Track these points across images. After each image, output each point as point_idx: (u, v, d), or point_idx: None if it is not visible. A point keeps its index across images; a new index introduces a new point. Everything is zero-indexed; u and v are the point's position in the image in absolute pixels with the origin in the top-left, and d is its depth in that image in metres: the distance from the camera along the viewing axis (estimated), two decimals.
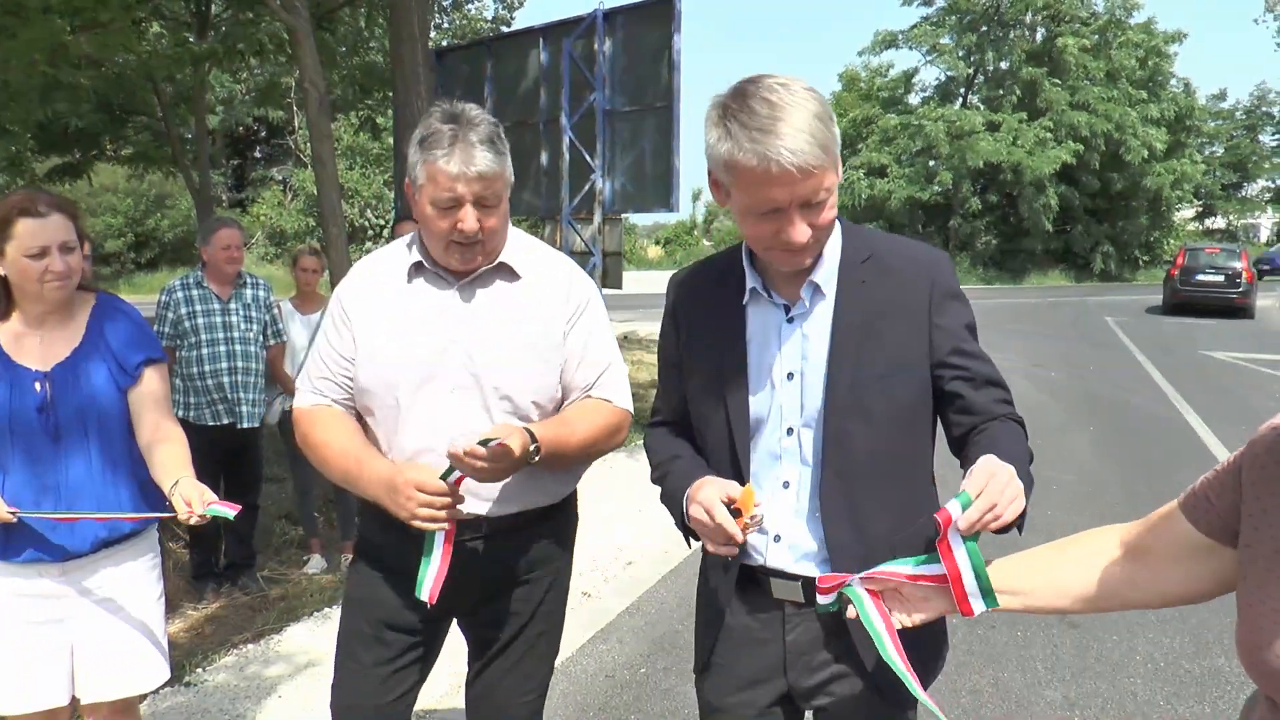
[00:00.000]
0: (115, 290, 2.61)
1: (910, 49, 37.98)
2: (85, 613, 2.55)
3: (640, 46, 9.26)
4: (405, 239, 2.31)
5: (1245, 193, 45.56)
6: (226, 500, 2.35)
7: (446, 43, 20.88)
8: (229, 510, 2.30)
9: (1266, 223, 48.48)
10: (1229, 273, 22.27)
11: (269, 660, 4.39)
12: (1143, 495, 7.20)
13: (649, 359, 14.36)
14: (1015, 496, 1.49)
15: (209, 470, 2.49)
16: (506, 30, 21.03)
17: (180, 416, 4.26)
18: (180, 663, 4.18)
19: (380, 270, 2.28)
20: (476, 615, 2.35)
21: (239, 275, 5.11)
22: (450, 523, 2.07)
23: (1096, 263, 36.49)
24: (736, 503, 1.68)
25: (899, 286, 1.81)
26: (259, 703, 3.98)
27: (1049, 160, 32.69)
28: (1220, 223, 46.47)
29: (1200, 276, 22.45)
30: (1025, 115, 34.74)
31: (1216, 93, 48.31)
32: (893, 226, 33.44)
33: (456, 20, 24.35)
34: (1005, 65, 36.91)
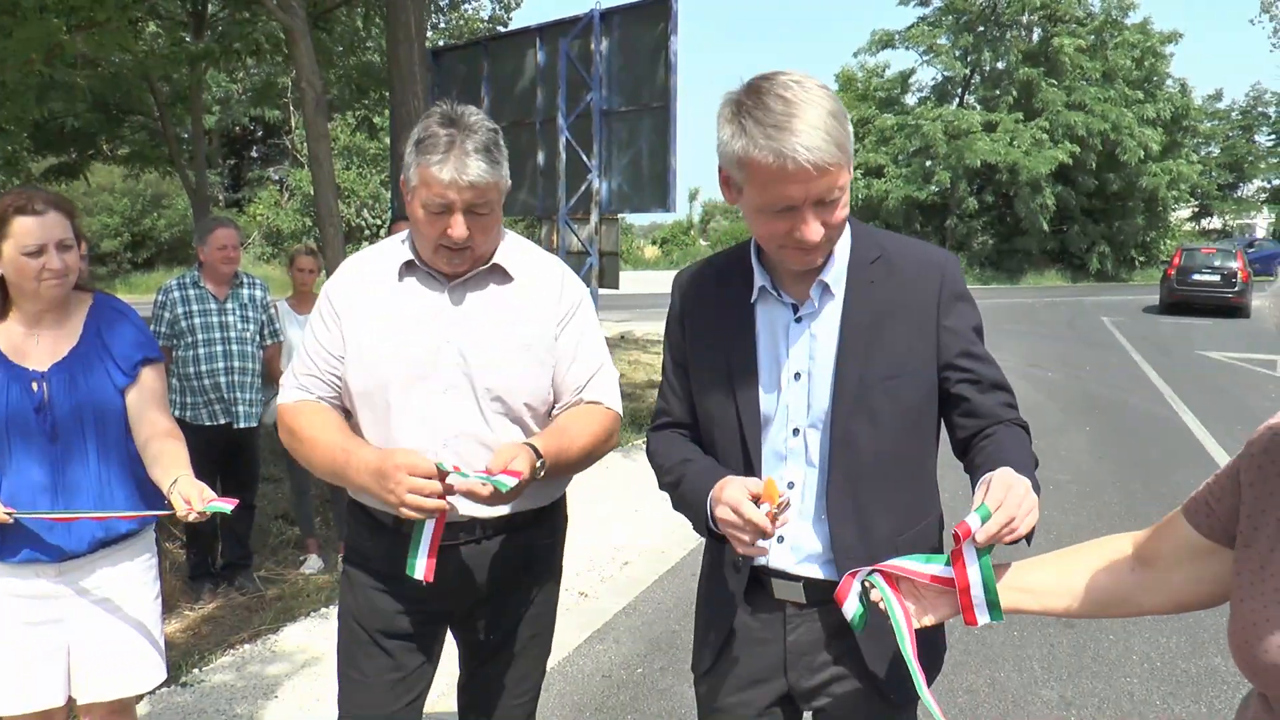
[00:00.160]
0: (112, 290, 2.62)
1: (907, 49, 37.99)
2: (82, 613, 2.54)
3: (637, 46, 9.26)
4: (397, 237, 2.29)
5: (1241, 193, 45.60)
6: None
7: (443, 42, 20.87)
8: (227, 505, 2.30)
9: (1262, 223, 48.55)
10: (1225, 272, 22.52)
11: (266, 660, 4.38)
12: (1139, 495, 7.21)
13: (645, 359, 14.37)
14: (1031, 509, 1.50)
15: (205, 470, 2.49)
16: (503, 30, 21.03)
17: (177, 416, 4.25)
18: (177, 663, 4.17)
19: (370, 268, 2.26)
20: (470, 618, 2.33)
21: (235, 275, 5.10)
22: (438, 527, 2.02)
23: (1093, 263, 36.50)
24: (760, 497, 1.65)
25: (908, 287, 1.81)
26: (256, 703, 3.98)
27: (1045, 160, 32.70)
28: (1216, 223, 46.53)
29: (1196, 276, 22.70)
30: (1021, 115, 34.76)
31: (1212, 93, 48.44)
32: (889, 227, 33.36)
33: (453, 20, 24.36)
34: (1002, 65, 36.92)
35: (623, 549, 5.97)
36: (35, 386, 2.45)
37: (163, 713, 3.88)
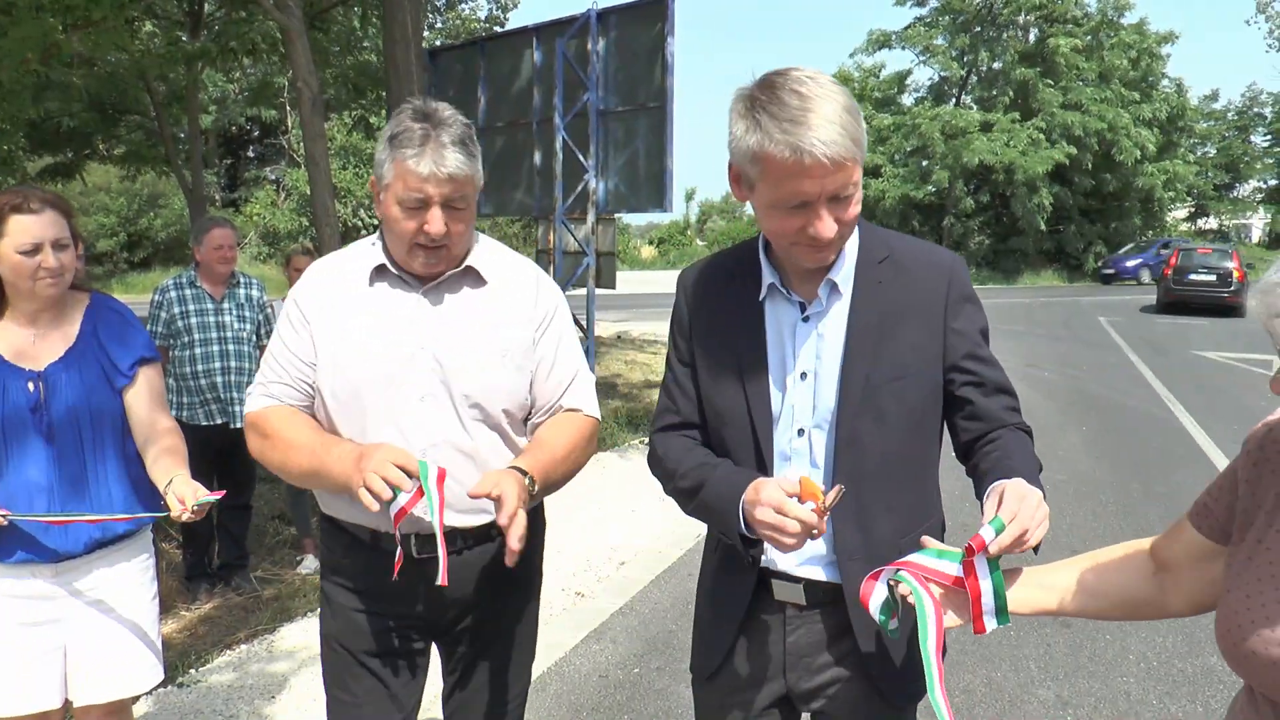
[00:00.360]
0: (108, 290, 2.63)
1: (903, 49, 38.00)
2: (78, 614, 2.54)
3: (634, 47, 9.26)
4: (366, 240, 2.23)
5: (1237, 193, 45.68)
6: (220, 502, 2.36)
7: (440, 42, 20.86)
8: (213, 496, 2.34)
9: (1258, 223, 48.63)
10: (1221, 272, 22.64)
11: (263, 660, 4.38)
12: (1135, 495, 7.22)
13: (642, 359, 14.37)
14: (1042, 521, 1.52)
15: (202, 470, 2.49)
16: (500, 30, 21.03)
17: (173, 416, 4.25)
18: (174, 663, 4.17)
19: (339, 272, 2.19)
20: (453, 631, 2.28)
21: (232, 275, 5.10)
22: (417, 492, 1.92)
23: (1089, 263, 36.55)
24: (801, 495, 1.63)
25: (915, 288, 1.80)
26: (253, 703, 3.98)
27: (1042, 160, 32.74)
28: (1212, 223, 46.59)
29: (1193, 276, 22.86)
30: (1018, 115, 34.80)
31: (1209, 93, 48.44)
32: (886, 226, 33.32)
33: (450, 20, 24.34)
34: (998, 66, 36.95)
35: (619, 549, 5.97)
36: (31, 386, 2.45)
37: (160, 713, 3.87)
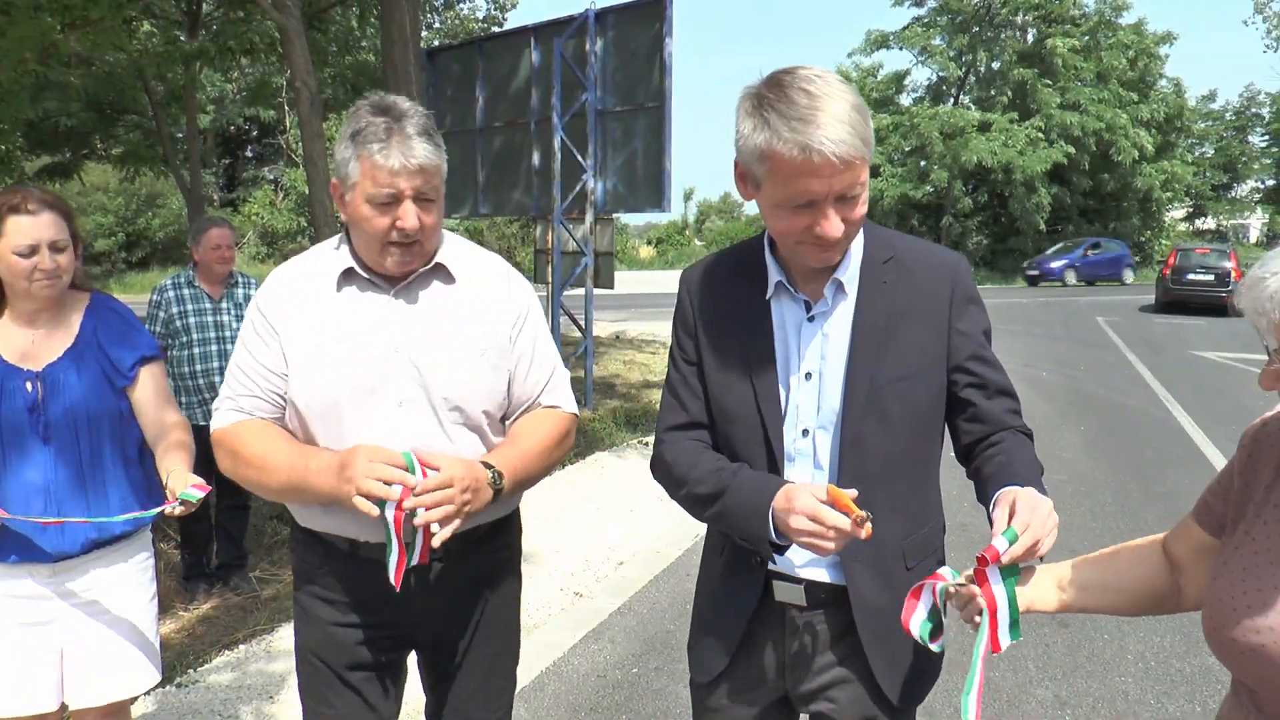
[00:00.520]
0: (106, 289, 2.63)
1: (901, 50, 38.02)
2: (75, 615, 2.54)
3: (632, 47, 9.26)
4: (327, 243, 2.17)
5: (1235, 193, 45.71)
6: (217, 500, 2.36)
7: (438, 42, 20.86)
8: (198, 491, 2.35)
9: (1256, 223, 48.68)
10: (1218, 272, 22.75)
11: (262, 660, 4.38)
12: (1133, 495, 7.22)
13: (641, 359, 14.37)
14: (1053, 530, 1.54)
15: (201, 469, 2.50)
16: (498, 30, 21.03)
17: None
18: (173, 663, 4.17)
19: (304, 278, 2.11)
20: (434, 641, 2.23)
21: (230, 275, 5.10)
22: (398, 510, 1.88)
23: None
24: (833, 502, 1.61)
25: (920, 289, 1.80)
26: (252, 703, 3.97)
27: (1040, 160, 32.76)
28: (1210, 223, 46.63)
29: (1191, 276, 23.00)
30: (1016, 116, 34.83)
31: (1206, 94, 48.52)
32: (884, 226, 33.40)
33: (449, 20, 24.35)
34: (996, 66, 36.97)
35: (618, 549, 5.98)
36: (30, 386, 2.45)
37: (159, 713, 3.87)
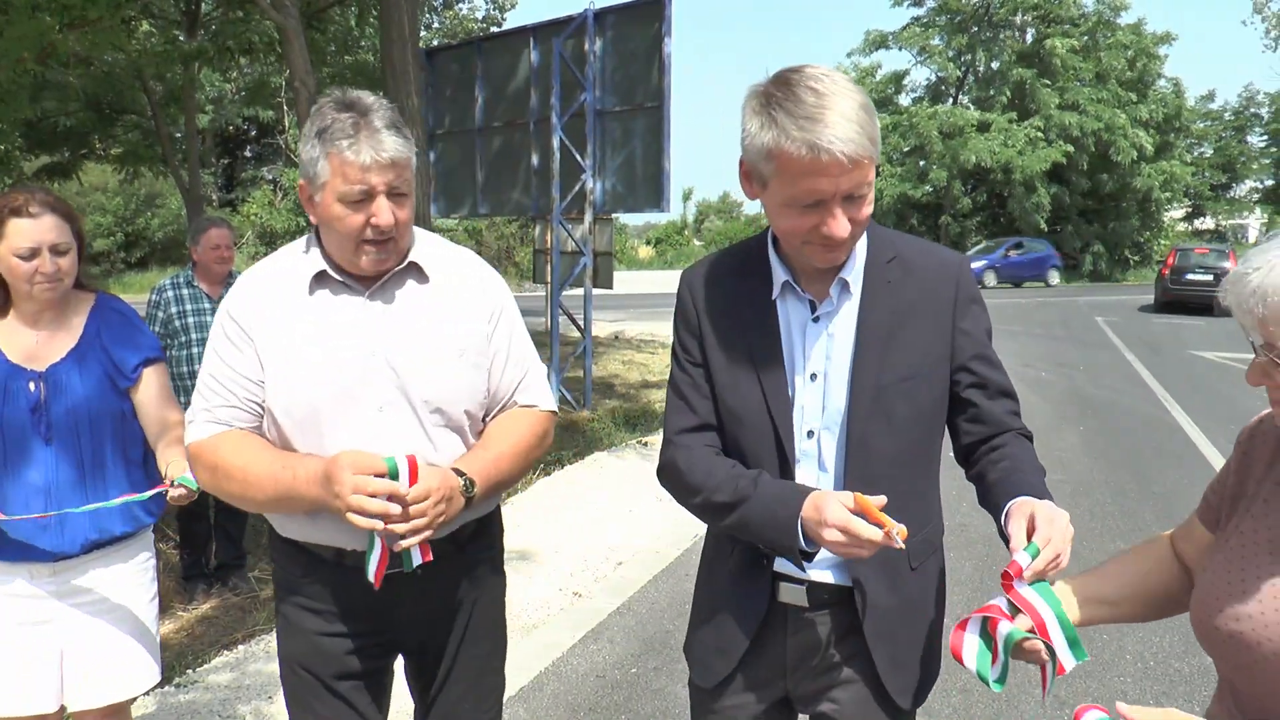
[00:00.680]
0: (104, 289, 2.62)
1: (900, 50, 38.02)
2: (76, 615, 2.54)
3: (631, 47, 9.26)
4: (295, 246, 2.12)
5: (1234, 193, 45.71)
6: (216, 501, 2.36)
7: (437, 42, 20.86)
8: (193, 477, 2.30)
9: (1254, 223, 48.67)
10: (1217, 272, 22.81)
11: (261, 660, 4.38)
12: (1132, 494, 7.23)
13: (640, 359, 14.37)
14: (1070, 539, 1.53)
15: None
16: (497, 30, 21.03)
17: None
18: (172, 664, 4.17)
19: (275, 282, 2.05)
20: (422, 646, 2.21)
21: (229, 275, 5.10)
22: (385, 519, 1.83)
23: (1086, 263, 36.58)
24: (861, 511, 1.58)
25: (924, 288, 1.80)
26: (251, 703, 3.98)
27: (1039, 159, 32.77)
28: (1209, 223, 46.64)
29: (1190, 276, 23.10)
30: (1015, 115, 34.84)
31: (1205, 94, 48.56)
32: (882, 225, 33.44)
33: (448, 20, 24.34)
34: (995, 66, 36.97)
35: (617, 549, 5.98)
36: (32, 386, 2.45)
37: (158, 714, 3.87)
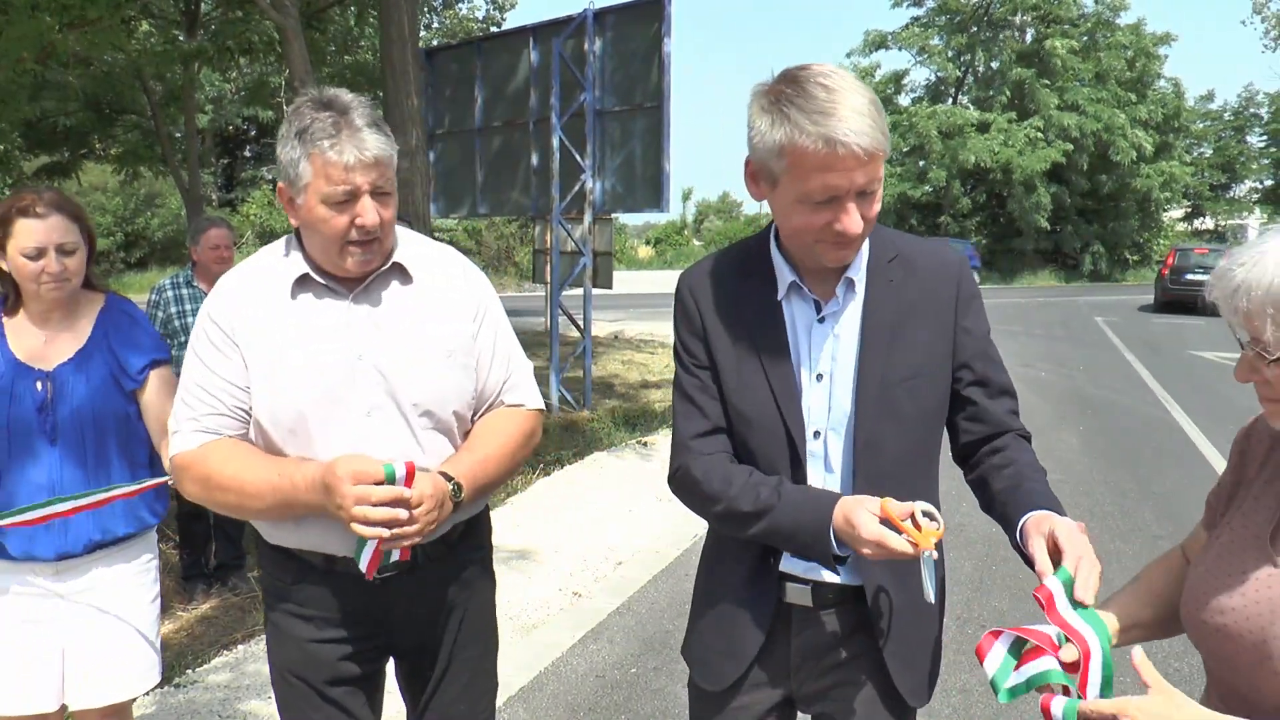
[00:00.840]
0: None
1: (899, 50, 38.04)
2: (77, 615, 2.55)
3: (630, 47, 9.26)
4: (275, 249, 2.08)
5: (1233, 193, 45.72)
6: None
7: (437, 42, 20.86)
8: None
9: (1254, 223, 48.67)
10: None
11: (261, 660, 4.37)
12: (1131, 495, 7.23)
13: (639, 359, 14.37)
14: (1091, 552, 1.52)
15: None
16: (497, 30, 21.03)
17: None
18: (172, 663, 4.17)
19: (257, 286, 2.02)
20: (414, 648, 2.18)
21: None
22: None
23: (1086, 263, 36.62)
24: (886, 518, 1.58)
25: (926, 287, 1.80)
26: (251, 703, 3.98)
27: (1039, 159, 32.79)
28: (1209, 223, 46.64)
29: (1189, 276, 23.15)
30: (1015, 115, 34.86)
31: (1205, 94, 48.57)
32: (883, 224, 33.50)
33: (448, 20, 24.35)
34: (995, 66, 37.00)
35: (616, 549, 5.98)
36: (39, 385, 2.46)
37: (158, 713, 3.87)
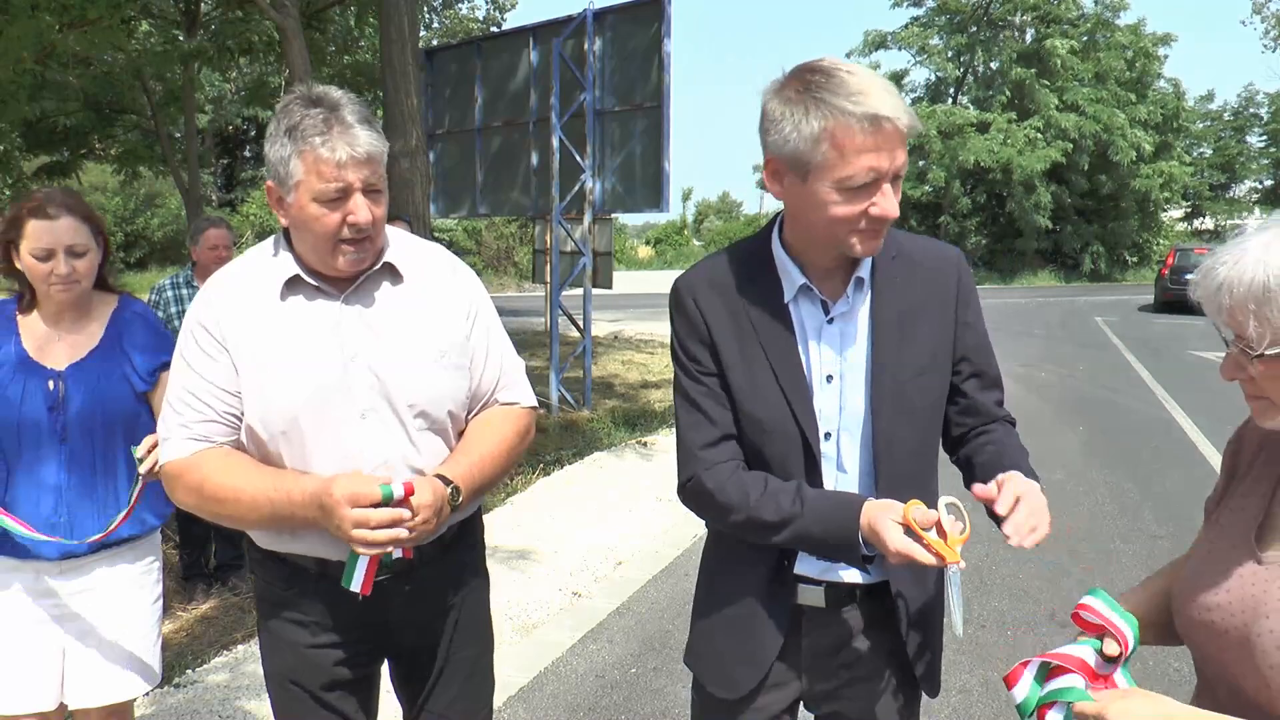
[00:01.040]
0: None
1: (899, 50, 38.04)
2: (79, 614, 2.55)
3: (630, 47, 9.26)
4: (263, 249, 2.05)
5: (1233, 194, 45.70)
6: None
7: (437, 42, 20.86)
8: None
9: (1253, 223, 48.55)
10: None
11: (259, 660, 4.37)
12: (1131, 495, 7.23)
13: (639, 359, 14.37)
14: (1043, 510, 1.67)
15: None
16: (497, 30, 21.02)
17: None
18: (171, 663, 4.17)
19: (245, 288, 1.99)
20: (411, 651, 2.17)
21: None
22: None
23: (1086, 263, 36.61)
24: (907, 525, 1.57)
25: (928, 283, 1.82)
26: (250, 703, 3.97)
27: (1039, 159, 32.79)
28: (1208, 223, 46.64)
29: (1190, 276, 22.88)
30: (1014, 115, 34.85)
31: (1204, 94, 48.51)
32: None
33: (447, 20, 24.33)
34: (995, 66, 36.99)
35: (616, 549, 5.97)
36: (51, 385, 2.47)
37: (157, 713, 3.87)
